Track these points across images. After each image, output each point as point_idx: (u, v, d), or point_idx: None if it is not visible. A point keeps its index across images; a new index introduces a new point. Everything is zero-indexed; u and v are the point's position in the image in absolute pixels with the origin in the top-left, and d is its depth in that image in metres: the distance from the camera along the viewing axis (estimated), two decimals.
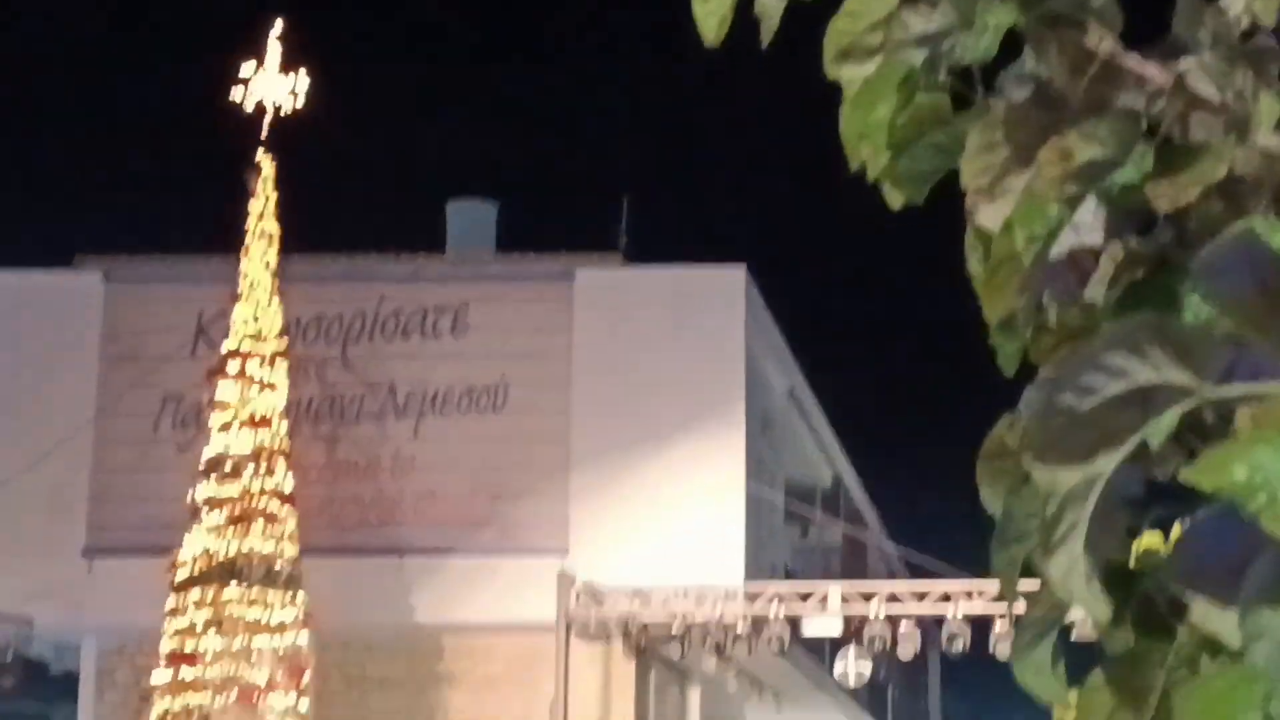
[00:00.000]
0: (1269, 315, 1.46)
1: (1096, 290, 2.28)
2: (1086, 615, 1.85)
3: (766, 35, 2.33)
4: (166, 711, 20.84)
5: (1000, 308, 2.70)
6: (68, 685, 27.21)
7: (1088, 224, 2.06)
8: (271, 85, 23.29)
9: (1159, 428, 1.51)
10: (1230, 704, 1.62)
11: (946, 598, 22.42)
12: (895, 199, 2.61)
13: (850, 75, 2.34)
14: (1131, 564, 2.76)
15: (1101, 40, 2.10)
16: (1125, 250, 2.21)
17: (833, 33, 2.31)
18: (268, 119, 23.24)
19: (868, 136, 2.32)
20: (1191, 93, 2.07)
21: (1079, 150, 2.05)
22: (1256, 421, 1.52)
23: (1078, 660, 3.04)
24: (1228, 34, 2.07)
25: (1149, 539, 2.85)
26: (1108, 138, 2.06)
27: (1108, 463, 1.59)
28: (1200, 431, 1.91)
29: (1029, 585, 2.70)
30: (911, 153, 2.51)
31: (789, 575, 27.37)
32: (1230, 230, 1.68)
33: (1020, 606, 2.98)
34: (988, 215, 2.15)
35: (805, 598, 23.06)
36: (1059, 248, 2.07)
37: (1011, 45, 2.33)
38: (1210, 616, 1.69)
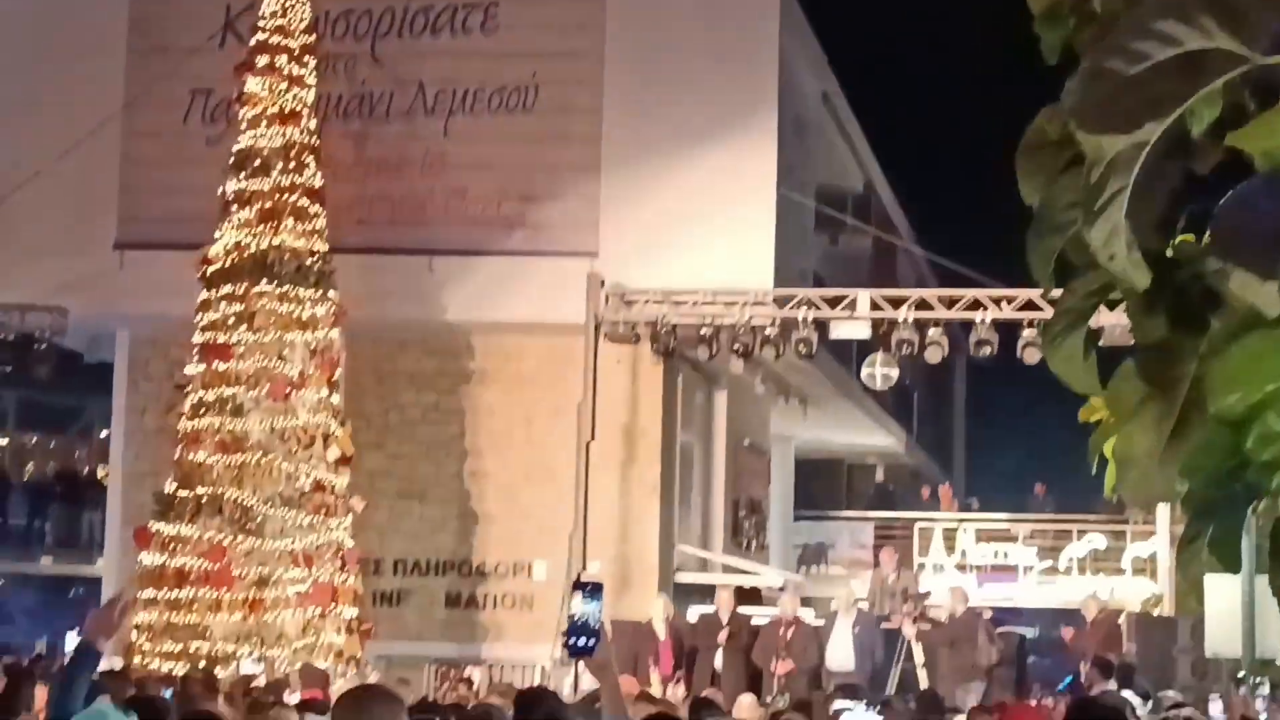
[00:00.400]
0: None
1: None
2: (1125, 281, 1.84)
3: None
4: (200, 402, 21.11)
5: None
6: (102, 375, 27.62)
7: None
8: None
9: (1209, 95, 1.47)
10: (1260, 368, 1.61)
11: (976, 304, 22.43)
12: None
13: None
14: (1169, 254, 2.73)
15: None
16: None
17: None
18: None
19: None
20: None
21: None
22: None
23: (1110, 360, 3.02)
24: None
25: (1184, 236, 2.82)
26: None
27: (1155, 129, 1.55)
28: (1239, 121, 1.86)
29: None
30: None
31: (818, 281, 27.40)
32: None
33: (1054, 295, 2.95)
34: None
35: (834, 303, 23.11)
36: None
37: None
38: (1249, 286, 1.67)
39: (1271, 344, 1.69)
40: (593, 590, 5.38)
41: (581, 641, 5.33)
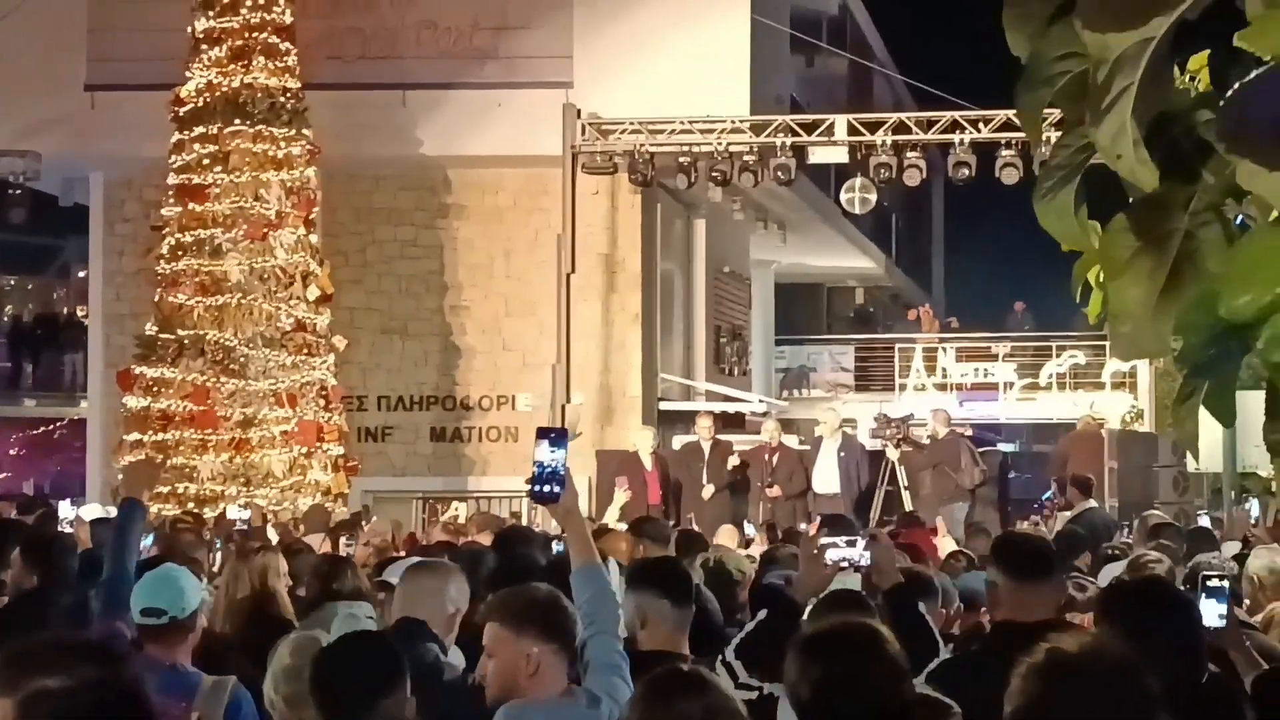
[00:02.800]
0: None
1: None
2: (1132, 180, 1.83)
3: None
4: (178, 243, 21.02)
5: None
6: (78, 217, 27.49)
7: None
8: None
9: None
10: (1270, 268, 1.61)
11: (954, 126, 22.35)
12: None
13: None
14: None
15: None
16: None
17: None
18: None
19: None
20: None
21: None
22: None
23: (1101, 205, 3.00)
24: None
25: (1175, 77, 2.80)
26: None
27: (1160, 24, 1.53)
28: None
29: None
30: None
31: (795, 106, 27.23)
32: None
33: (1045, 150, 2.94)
34: None
35: (811, 128, 23.01)
36: None
37: None
38: (1258, 179, 1.66)
39: None
40: (557, 437, 5.44)
41: (547, 489, 5.41)
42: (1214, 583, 5.67)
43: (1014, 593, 5.96)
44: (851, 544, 6.33)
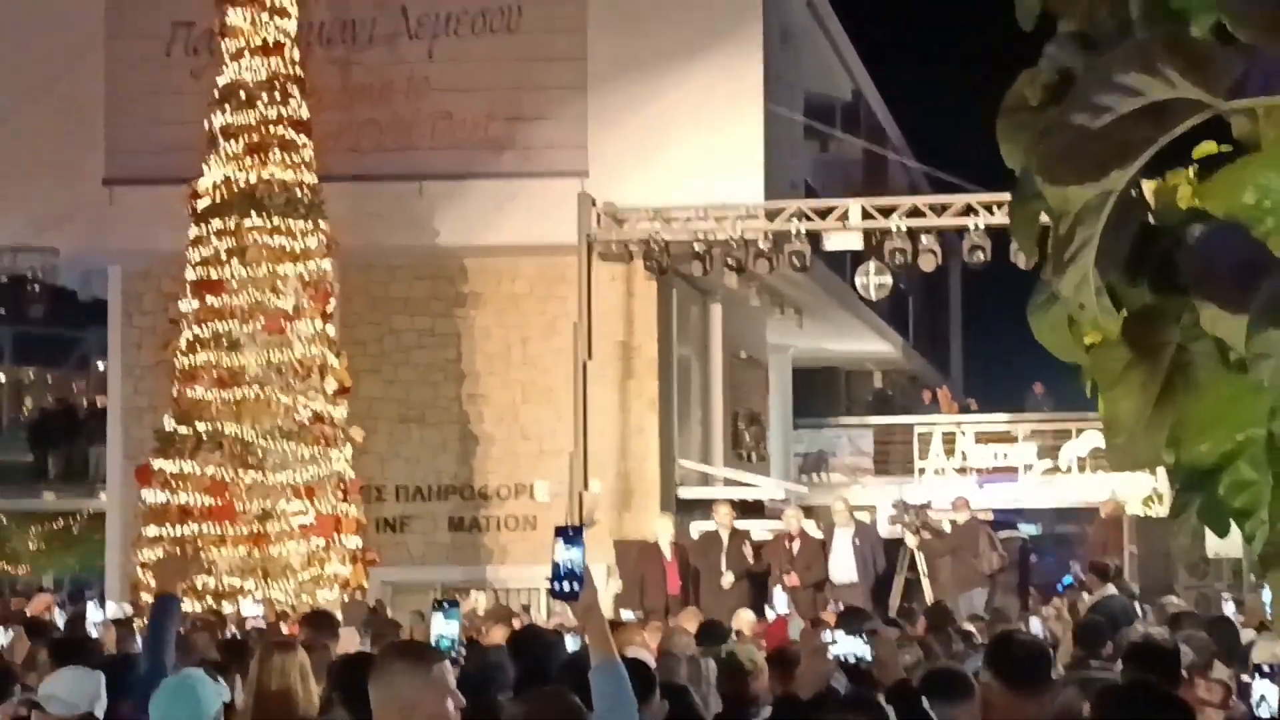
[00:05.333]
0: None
1: None
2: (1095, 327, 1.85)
3: None
4: (195, 338, 21.10)
5: None
6: (97, 310, 27.63)
7: None
8: None
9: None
10: (1236, 415, 1.62)
11: (968, 210, 22.41)
12: None
13: None
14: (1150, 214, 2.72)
15: None
16: None
17: None
18: None
19: None
20: None
21: None
22: (1273, 125, 1.47)
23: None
24: None
25: (1165, 189, 2.81)
26: None
27: (1120, 178, 1.55)
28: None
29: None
30: None
31: (809, 192, 27.34)
32: None
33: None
34: None
35: (825, 213, 23.09)
36: None
37: None
38: (1219, 322, 1.67)
39: (1242, 389, 1.69)
40: (574, 535, 5.47)
41: (566, 586, 5.43)
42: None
43: (1006, 698, 5.89)
44: (854, 638, 6.30)
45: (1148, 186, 2.48)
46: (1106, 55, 1.60)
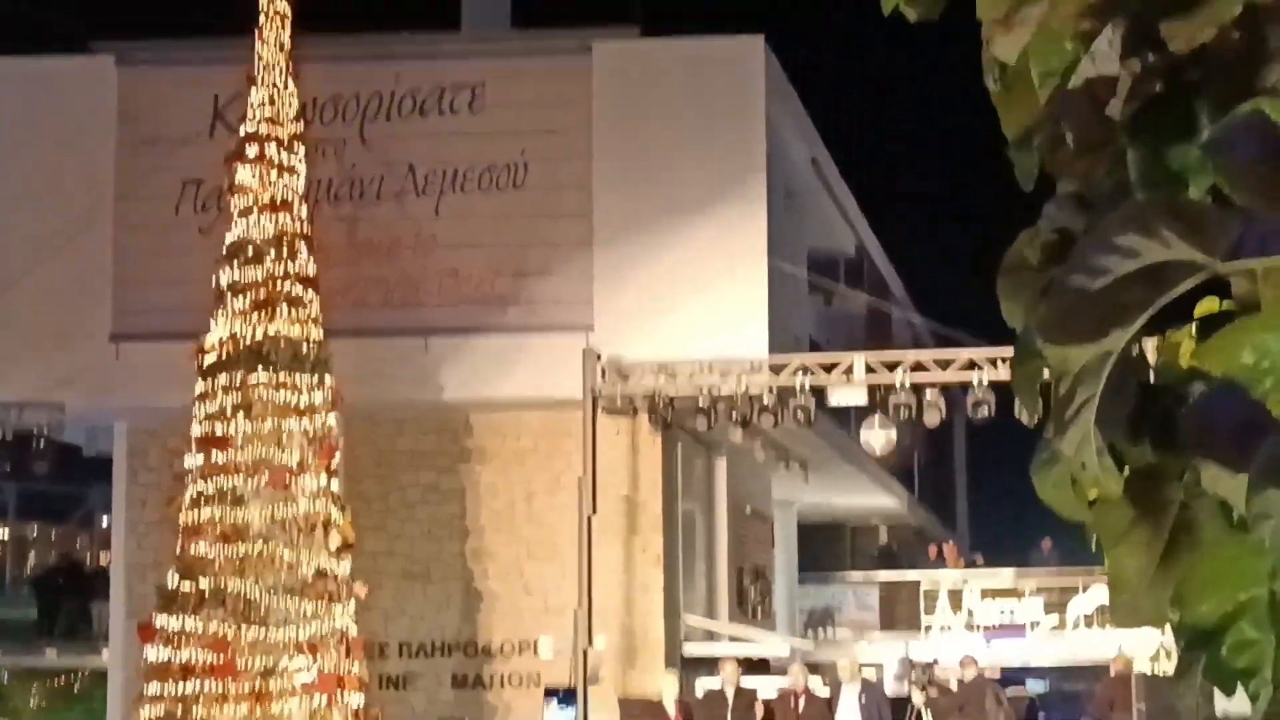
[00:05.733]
0: (1276, 189, 1.44)
1: (1114, 107, 2.24)
2: (1096, 488, 1.86)
3: None
4: (199, 493, 21.08)
5: (1017, 125, 2.66)
6: (101, 468, 27.62)
7: (1104, 54, 2.02)
8: None
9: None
10: (1238, 575, 1.63)
11: (971, 365, 22.49)
12: (911, 14, 2.56)
13: None
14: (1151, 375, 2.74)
15: None
16: (1142, 66, 2.17)
17: None
18: None
19: None
20: None
21: None
22: (1271, 286, 1.50)
23: None
24: None
25: (1166, 348, 2.84)
26: None
27: (1119, 339, 1.57)
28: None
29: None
30: None
31: (813, 346, 27.45)
32: (1240, 109, 1.65)
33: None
34: (1003, 47, 2.11)
35: (830, 368, 23.16)
36: (1076, 79, 2.04)
37: None
38: (1220, 482, 1.69)
39: (1243, 549, 1.71)
40: (565, 697, 5.45)
41: None
42: None
43: None
44: None
45: (1149, 344, 2.51)
46: (1105, 218, 1.63)
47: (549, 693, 5.64)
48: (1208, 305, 2.58)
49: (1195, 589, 1.79)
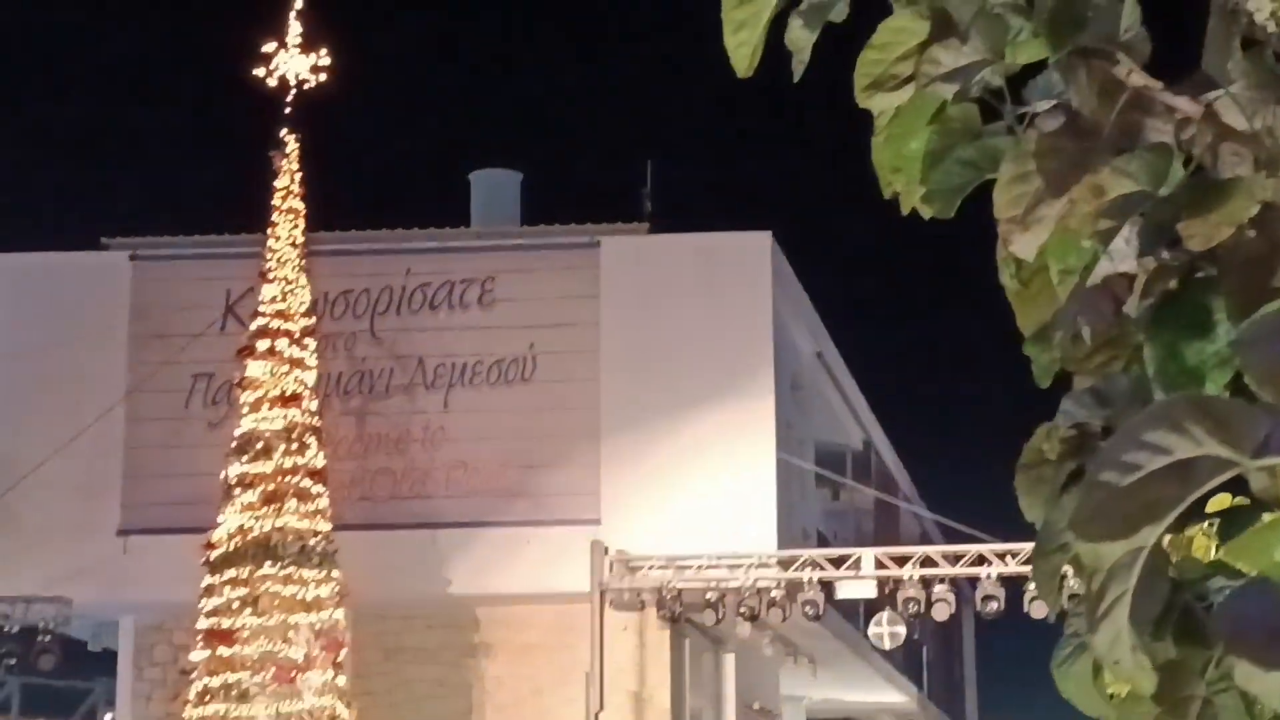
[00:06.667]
0: None
1: (1132, 304, 2.30)
2: (1131, 683, 1.89)
3: (798, 69, 2.34)
4: (205, 689, 20.96)
5: (1034, 320, 2.72)
6: (107, 662, 27.42)
7: (1122, 252, 2.08)
8: (293, 62, 23.31)
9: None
10: None
11: (981, 560, 22.44)
12: (927, 211, 2.63)
13: (881, 105, 2.35)
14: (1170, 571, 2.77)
15: (1130, 72, 2.11)
16: (1158, 264, 2.23)
17: (862, 64, 2.32)
18: (290, 95, 23.26)
19: (901, 169, 2.33)
20: (1221, 123, 2.08)
21: (1111, 186, 2.06)
22: None
23: None
24: (1258, 65, 2.07)
25: (1184, 543, 2.87)
26: (1140, 172, 2.08)
27: (1150, 534, 1.61)
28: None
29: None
30: (941, 168, 2.52)
31: (821, 539, 27.42)
32: (1270, 306, 1.70)
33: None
34: (1021, 245, 2.17)
35: (838, 562, 23.10)
36: (1094, 278, 2.09)
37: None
38: (1253, 679, 1.71)
39: None
40: None
41: None
42: None
43: None
44: None
45: (1166, 541, 2.54)
46: (1134, 415, 1.68)
47: None
48: (1221, 501, 2.61)
49: None
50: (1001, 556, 22.25)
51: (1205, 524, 2.78)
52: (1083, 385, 2.98)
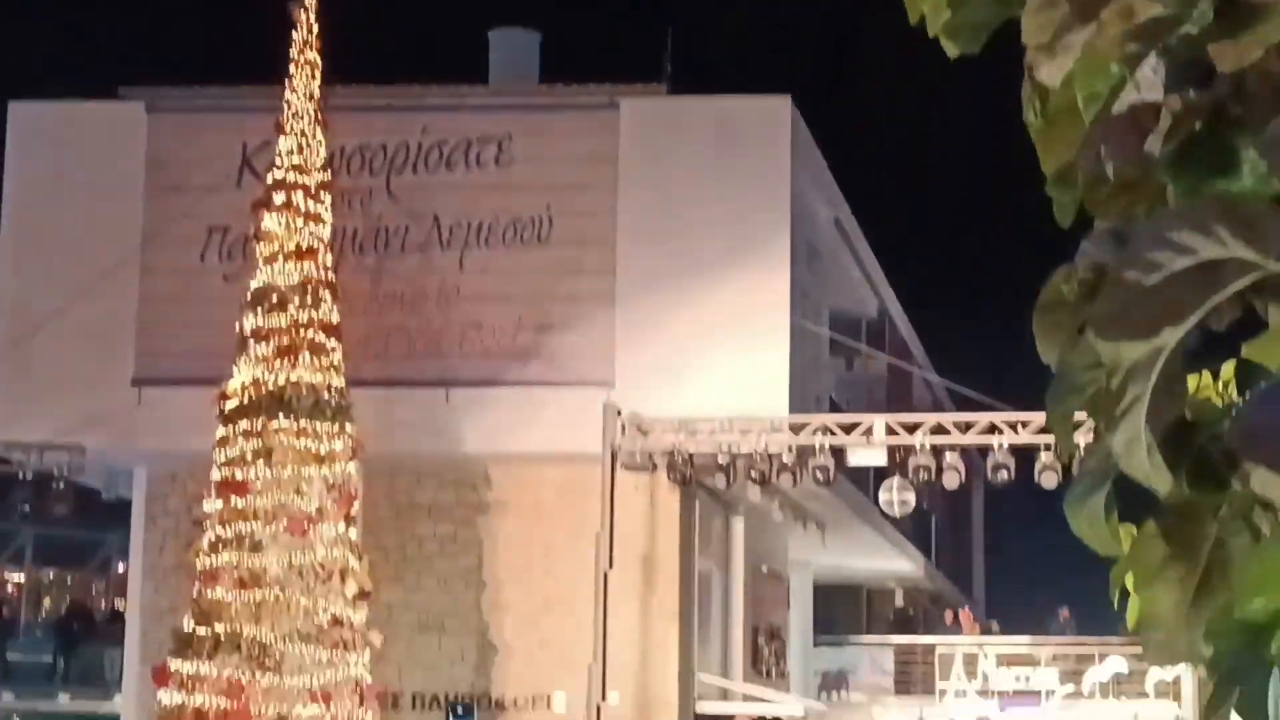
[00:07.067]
0: None
1: (1154, 143, 2.26)
2: (1148, 485, 1.87)
3: None
4: (218, 538, 21.11)
5: (1057, 159, 2.68)
6: (120, 512, 27.65)
7: (1149, 80, 2.04)
8: None
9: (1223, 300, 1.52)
10: None
11: (992, 429, 22.46)
12: (951, 49, 2.58)
13: None
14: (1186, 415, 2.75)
15: None
16: (1183, 102, 2.19)
17: None
18: None
19: None
20: None
21: (1141, 9, 2.02)
22: None
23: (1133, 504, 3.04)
24: None
25: (1203, 386, 2.85)
26: None
27: (1172, 336, 1.58)
28: (1259, 290, 1.90)
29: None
30: (970, 3, 2.47)
31: (834, 406, 27.44)
32: None
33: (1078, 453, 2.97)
34: (1048, 71, 2.13)
35: (850, 429, 23.13)
36: (1120, 104, 2.06)
37: None
38: (1269, 484, 1.69)
39: None
40: None
41: None
42: None
43: None
44: None
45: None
46: (1160, 214, 1.65)
47: None
48: (1228, 372, 2.59)
49: (1249, 586, 1.79)
50: (1013, 426, 22.26)
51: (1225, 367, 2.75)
52: (1103, 227, 2.94)
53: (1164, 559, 2.65)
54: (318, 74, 22.81)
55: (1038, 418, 21.70)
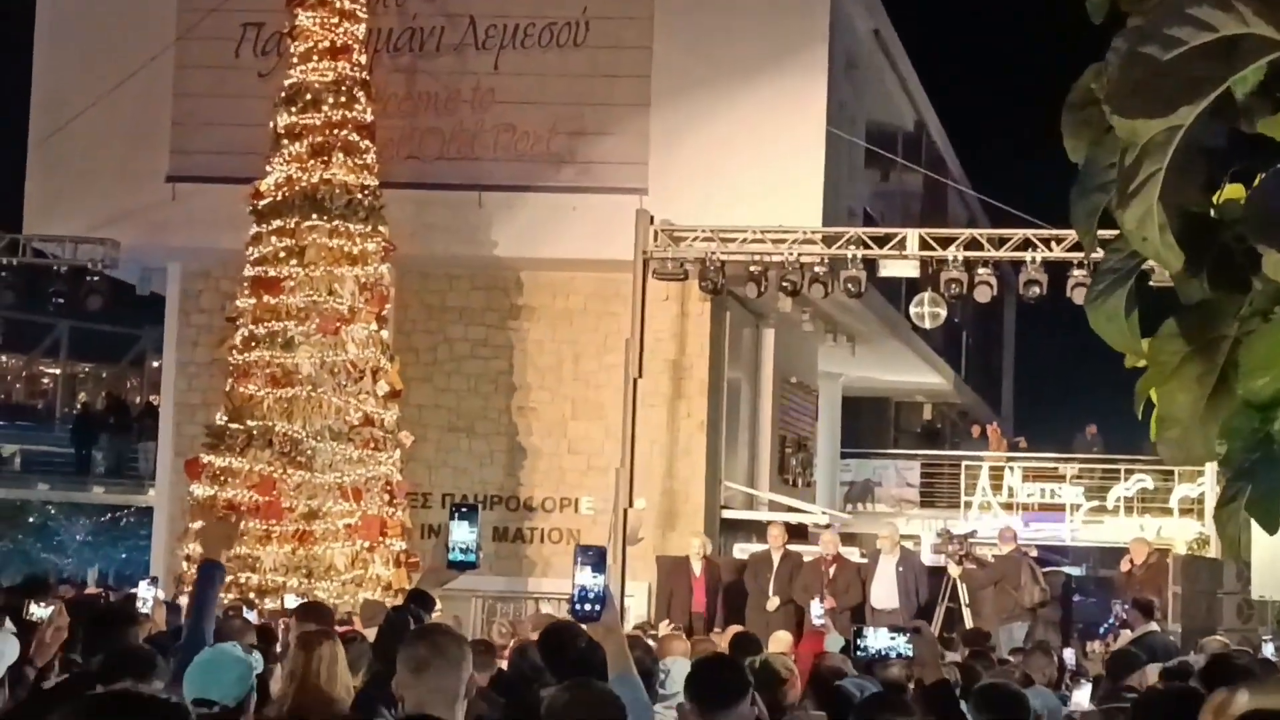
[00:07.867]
0: None
1: None
2: (1159, 263, 1.87)
3: None
4: (251, 335, 21.24)
5: None
6: (154, 308, 27.81)
7: None
8: None
9: (1244, 78, 1.49)
10: None
11: (1026, 244, 22.35)
12: None
13: None
14: (1211, 214, 2.74)
15: None
16: None
17: None
18: None
19: None
20: None
21: None
22: None
23: (1154, 310, 3.04)
24: None
25: (1230, 190, 2.83)
26: None
27: (1189, 113, 1.57)
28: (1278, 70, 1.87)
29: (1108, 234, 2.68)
30: None
31: (868, 219, 27.33)
32: None
33: (1098, 254, 2.98)
34: None
35: (883, 241, 23.05)
36: None
37: None
38: None
39: None
40: (597, 562, 5.66)
41: (587, 608, 5.65)
42: None
43: None
44: (895, 635, 6.42)
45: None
46: None
47: (582, 555, 5.74)
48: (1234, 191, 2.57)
49: (1253, 363, 1.80)
50: (1046, 242, 22.16)
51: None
52: (1134, 25, 2.91)
53: (1182, 358, 2.65)
54: None
55: (1072, 234, 21.58)
